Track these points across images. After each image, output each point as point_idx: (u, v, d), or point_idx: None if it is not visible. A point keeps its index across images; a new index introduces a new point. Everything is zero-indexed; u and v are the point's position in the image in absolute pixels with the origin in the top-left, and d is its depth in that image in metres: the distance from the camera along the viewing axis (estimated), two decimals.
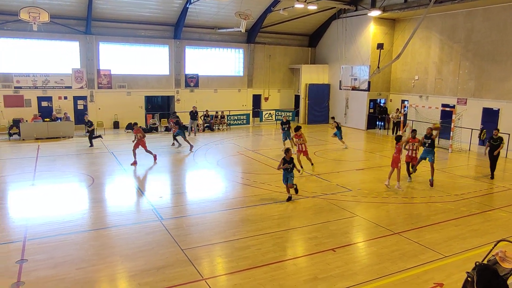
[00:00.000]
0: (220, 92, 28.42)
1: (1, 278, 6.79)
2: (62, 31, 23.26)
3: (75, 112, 24.46)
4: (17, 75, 22.87)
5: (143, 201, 11.16)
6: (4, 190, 12.49)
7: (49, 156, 16.57)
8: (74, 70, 24.09)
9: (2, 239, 8.48)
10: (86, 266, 7.33)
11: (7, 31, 22.42)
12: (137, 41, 25.58)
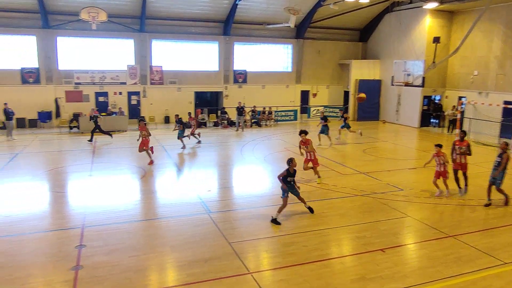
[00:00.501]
0: (268, 88, 28.44)
1: (63, 261, 7.24)
2: (118, 29, 24.29)
3: (129, 107, 25.51)
4: (77, 72, 24.21)
5: (192, 194, 11.42)
6: (65, 180, 13.33)
7: (104, 149, 17.43)
8: (128, 66, 25.09)
9: (63, 225, 9.04)
10: (137, 254, 7.64)
11: (68, 30, 23.78)
12: (187, 38, 26.18)
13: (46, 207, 10.50)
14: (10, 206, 10.34)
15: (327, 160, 15.72)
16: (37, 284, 6.61)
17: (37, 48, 23.61)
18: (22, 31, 23.15)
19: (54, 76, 24.01)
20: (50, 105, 24.11)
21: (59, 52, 24.05)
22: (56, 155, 17.03)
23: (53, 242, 8.23)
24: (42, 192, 11.70)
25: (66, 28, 23.61)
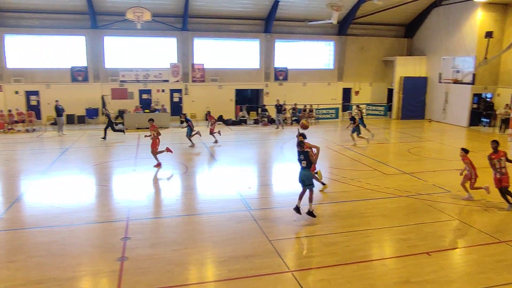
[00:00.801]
0: (309, 85, 28.14)
1: (109, 252, 7.51)
2: (162, 28, 24.88)
3: (171, 104, 26.09)
4: (122, 70, 25.03)
5: (233, 190, 11.50)
6: (110, 174, 13.83)
7: (148, 145, 17.86)
8: (171, 64, 25.65)
9: (109, 218, 9.39)
10: (180, 248, 7.78)
11: (114, 30, 24.65)
12: (229, 36, 26.40)
13: (93, 200, 10.94)
14: (61, 198, 10.87)
15: (369, 159, 15.35)
16: (86, 272, 6.89)
17: (86, 48, 24.66)
18: (72, 31, 24.25)
19: (101, 74, 24.98)
20: (97, 102, 25.12)
21: (105, 51, 25.00)
22: (102, 150, 17.71)
23: (100, 234, 8.56)
24: (89, 186, 12.20)
25: (112, 28, 24.48)
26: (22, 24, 23.69)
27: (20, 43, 24.13)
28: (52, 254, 7.45)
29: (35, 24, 23.83)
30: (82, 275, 6.82)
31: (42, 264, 7.07)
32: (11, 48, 23.94)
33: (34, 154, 16.87)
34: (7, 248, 7.81)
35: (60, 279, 6.59)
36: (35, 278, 6.60)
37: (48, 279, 6.57)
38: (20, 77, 24.09)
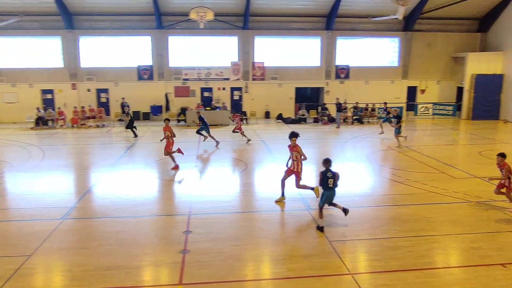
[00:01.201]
0: (372, 83, 27.25)
1: (172, 244, 7.79)
2: (223, 27, 25.35)
3: (232, 102, 26.53)
4: (185, 69, 25.89)
5: (292, 189, 11.42)
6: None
7: (208, 142, 18.33)
8: (232, 63, 26.08)
9: (171, 211, 9.75)
10: (239, 244, 7.87)
11: (178, 30, 25.54)
12: (289, 34, 26.29)
13: (157, 193, 11.41)
14: (128, 190, 11.46)
15: (435, 161, 14.55)
16: (150, 262, 7.20)
17: (151, 47, 25.80)
18: (139, 32, 25.49)
19: (165, 73, 26.01)
20: (161, 99, 26.19)
21: (170, 51, 25.98)
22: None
23: (163, 226, 8.90)
24: (153, 180, 12.74)
25: (176, 28, 25.38)
26: (94, 26, 25.32)
27: (92, 44, 25.78)
28: (120, 243, 7.87)
29: (106, 26, 25.36)
30: (147, 265, 7.13)
31: (111, 252, 7.50)
32: (85, 48, 25.66)
33: (103, 148, 17.97)
34: (79, 236, 8.37)
35: (127, 267, 6.93)
36: (105, 265, 7.00)
37: (116, 267, 6.94)
38: (92, 76, 25.76)
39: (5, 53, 25.35)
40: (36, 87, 25.62)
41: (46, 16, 24.41)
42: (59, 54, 25.49)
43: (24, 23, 24.47)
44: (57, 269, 7.05)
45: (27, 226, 8.84)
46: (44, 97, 25.86)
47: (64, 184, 12.50)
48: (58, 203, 10.28)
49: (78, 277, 6.63)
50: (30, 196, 10.96)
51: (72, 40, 25.11)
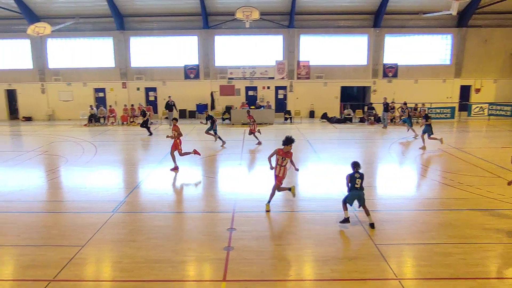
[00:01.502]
0: (421, 82, 26.28)
1: (216, 241, 7.89)
2: (269, 26, 25.39)
3: (276, 101, 26.52)
4: (230, 68, 26.21)
5: (336, 189, 11.24)
6: (217, 167, 14.54)
7: (253, 140, 18.43)
8: (277, 62, 26.06)
9: (216, 208, 9.87)
10: (282, 243, 7.84)
11: (224, 29, 25.87)
12: (335, 32, 25.90)
13: (202, 190, 11.61)
14: (174, 186, 11.76)
15: (491, 165, 13.76)
16: (195, 257, 7.33)
17: (198, 47, 26.32)
18: (186, 32, 26.09)
19: (211, 72, 26.45)
20: (207, 98, 26.67)
21: (216, 50, 26.38)
22: (212, 144, 18.71)
23: (208, 223, 9.04)
24: (198, 177, 12.98)
25: (222, 27, 25.72)
26: (144, 27, 26.22)
27: (142, 44, 26.69)
28: (166, 237, 8.09)
29: (154, 27, 26.18)
30: (192, 260, 7.27)
31: (158, 245, 7.72)
32: (135, 49, 26.62)
33: (151, 145, 18.54)
34: (129, 229, 8.68)
35: (174, 261, 7.11)
36: (153, 258, 7.22)
37: (163, 260, 7.13)
38: (141, 75, 26.69)
39: (62, 54, 26.83)
40: (90, 85, 26.95)
41: (99, 18, 25.58)
42: (111, 54, 26.62)
43: (79, 25, 25.82)
44: (108, 260, 7.35)
45: (81, 218, 9.30)
46: (97, 95, 27.15)
47: (115, 179, 13.03)
48: (109, 197, 10.74)
49: (128, 268, 6.88)
50: (84, 189, 11.52)
51: (123, 40, 26.14)
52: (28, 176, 13.05)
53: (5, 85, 27.29)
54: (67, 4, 24.72)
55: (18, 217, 9.52)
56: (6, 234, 8.47)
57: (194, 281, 6.63)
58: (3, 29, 26.45)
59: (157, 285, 6.39)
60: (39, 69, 26.85)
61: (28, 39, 26.01)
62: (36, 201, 10.83)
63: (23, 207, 10.20)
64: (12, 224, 9.03)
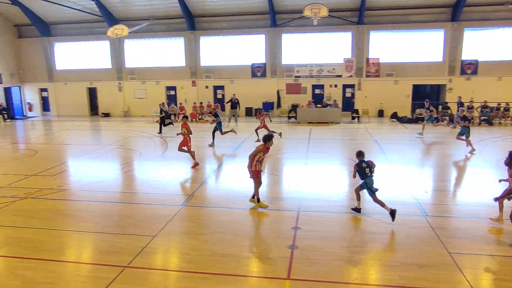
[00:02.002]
0: (506, 80, 24.16)
1: (281, 239, 7.90)
2: (337, 23, 24.88)
3: (343, 100, 25.94)
4: (297, 66, 26.07)
5: (407, 193, 10.73)
6: (281, 165, 14.56)
7: (318, 139, 18.22)
8: (345, 59, 25.46)
9: (281, 207, 9.88)
10: (348, 245, 7.65)
11: (291, 27, 25.78)
12: (408, 27, 24.71)
13: (266, 188, 11.64)
14: (240, 183, 11.96)
15: None
16: (260, 254, 7.41)
17: (265, 45, 26.50)
18: (253, 31, 26.39)
19: (278, 70, 26.52)
20: (273, 96, 26.79)
21: (283, 48, 26.39)
22: (276, 141, 18.72)
23: (272, 220, 9.07)
24: (263, 174, 13.05)
25: (290, 25, 25.66)
26: (213, 26, 26.96)
27: (210, 44, 27.46)
28: (232, 232, 8.26)
29: (223, 26, 26.80)
30: (257, 256, 7.35)
31: (224, 240, 7.90)
32: (204, 48, 27.46)
33: (219, 142, 19.00)
34: (196, 222, 9.00)
35: (238, 256, 7.24)
36: (219, 252, 7.41)
37: (228, 254, 7.29)
38: (210, 74, 27.49)
39: (137, 54, 28.46)
40: (162, 84, 28.29)
41: (171, 19, 26.76)
42: (182, 53, 27.72)
43: (153, 26, 27.22)
44: (176, 251, 7.67)
45: (153, 209, 9.80)
46: (168, 93, 28.43)
47: (184, 173, 13.56)
48: (178, 190, 11.22)
49: (195, 260, 7.13)
50: (155, 182, 12.13)
51: (194, 40, 27.10)
52: (106, 168, 14.02)
53: (87, 84, 29.58)
54: (143, 6, 26.16)
55: (97, 206, 10.27)
56: (87, 221, 9.18)
57: (258, 277, 6.68)
58: (87, 31, 28.66)
59: (222, 278, 6.54)
60: (116, 69, 28.72)
61: (107, 40, 27.93)
62: (112, 192, 11.62)
63: (101, 196, 10.99)
64: (92, 212, 9.76)
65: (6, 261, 7.33)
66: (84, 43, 29.19)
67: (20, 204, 10.28)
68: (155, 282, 6.53)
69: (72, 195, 11.17)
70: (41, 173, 13.44)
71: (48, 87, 30.20)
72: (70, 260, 7.37)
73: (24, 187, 11.71)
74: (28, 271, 6.90)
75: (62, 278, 6.66)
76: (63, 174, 13.55)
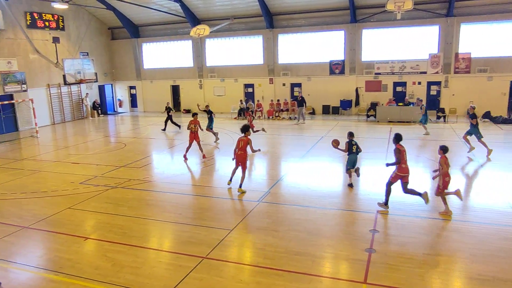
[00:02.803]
0: None
1: (358, 241, 7.66)
2: (423, 16, 23.43)
3: (427, 98, 24.40)
4: (377, 62, 25.06)
5: (502, 201, 9.78)
6: (359, 165, 13.95)
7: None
8: (430, 55, 23.93)
9: (358, 207, 9.59)
10: (433, 253, 7.18)
11: (372, 22, 24.81)
12: (504, 18, 22.44)
13: (343, 187, 11.39)
14: (316, 181, 11.84)
15: None
16: (335, 255, 7.24)
17: (344, 42, 25.83)
18: (332, 27, 25.84)
19: (357, 67, 25.71)
20: (351, 94, 26.05)
21: (363, 44, 25.52)
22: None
23: (349, 221, 8.83)
24: (339, 173, 12.78)
25: (371, 20, 24.72)
26: (291, 24, 26.90)
27: (288, 41, 27.42)
28: (307, 231, 8.18)
29: (301, 23, 26.61)
30: (332, 257, 7.20)
31: (299, 238, 7.86)
32: (282, 46, 27.50)
33: (295, 140, 18.97)
34: (272, 219, 9.06)
35: (313, 256, 7.15)
36: (293, 249, 7.39)
37: (303, 253, 7.24)
38: (287, 71, 27.50)
39: (217, 52, 29.40)
40: (240, 82, 28.92)
41: (250, 18, 27.19)
42: (260, 51, 28.07)
43: (232, 26, 27.89)
44: (252, 246, 7.80)
45: (230, 203, 10.09)
46: (246, 90, 28.99)
47: (260, 170, 13.74)
48: (255, 186, 11.37)
49: (270, 256, 7.18)
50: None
51: (272, 38, 27.29)
52: (188, 162, 14.68)
53: (170, 82, 31.25)
54: (224, 6, 26.93)
55: (179, 197, 10.82)
56: (170, 211, 9.71)
57: (333, 278, 6.55)
58: (171, 32, 30.25)
59: (296, 276, 6.51)
60: (198, 67, 29.94)
61: (190, 40, 29.21)
62: (193, 185, 12.16)
63: (183, 189, 11.56)
64: (174, 203, 10.30)
65: (99, 244, 8.01)
66: (169, 43, 30.86)
67: (112, 193, 11.18)
68: (231, 274, 6.70)
69: (156, 186, 11.89)
70: (129, 164, 14.49)
71: (136, 84, 32.46)
72: (153, 247, 7.85)
73: (114, 177, 12.71)
74: (118, 254, 7.47)
75: (147, 264, 7.11)
76: (148, 166, 14.48)
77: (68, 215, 9.59)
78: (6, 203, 10.73)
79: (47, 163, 15.30)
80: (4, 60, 23.04)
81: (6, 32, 23.27)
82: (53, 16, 26.11)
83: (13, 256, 7.60)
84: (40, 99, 25.04)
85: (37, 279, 6.81)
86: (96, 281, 6.55)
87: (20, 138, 21.56)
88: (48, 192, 11.44)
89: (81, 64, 26.05)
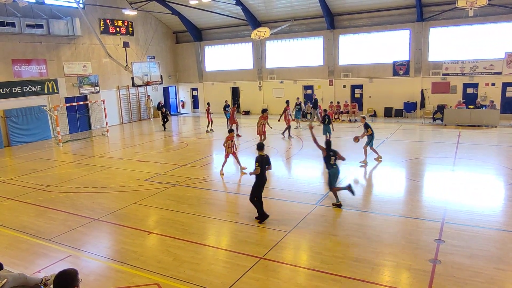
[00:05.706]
0: None
1: (421, 251, 7.30)
2: (499, 12, 21.81)
3: (502, 100, 22.69)
4: (446, 62, 23.74)
5: None
6: (423, 170, 13.43)
7: (469, 144, 16.27)
8: (506, 54, 22.22)
9: (422, 215, 9.13)
10: (506, 268, 6.65)
11: (440, 21, 23.54)
12: None
13: (406, 194, 10.92)
14: (377, 186, 11.47)
15: None
16: (396, 263, 6.95)
17: (409, 41, 24.76)
18: (397, 26, 24.86)
19: (423, 68, 24.53)
20: (416, 96, 24.90)
21: (430, 44, 24.29)
22: (418, 145, 17.46)
23: (412, 229, 8.43)
24: (402, 179, 12.27)
25: (439, 18, 23.48)
26: (353, 24, 26.28)
27: (349, 42, 26.81)
28: (367, 237, 7.94)
29: (364, 23, 25.90)
30: (393, 265, 6.92)
31: (358, 244, 7.65)
32: (343, 47, 26.96)
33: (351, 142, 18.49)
34: (330, 223, 8.91)
35: (372, 263, 6.92)
36: (352, 255, 7.21)
37: (362, 260, 7.03)
38: (348, 72, 26.91)
39: (276, 54, 29.49)
40: (299, 83, 28.78)
41: (311, 19, 26.96)
42: (320, 53, 27.73)
43: (292, 27, 27.84)
44: (309, 249, 7.72)
45: (287, 205, 10.06)
46: (305, 92, 28.79)
47: (317, 172, 13.56)
48: (313, 189, 11.26)
49: (328, 261, 7.06)
50: (291, 180, 12.41)
51: (332, 39, 26.86)
52: (246, 162, 14.87)
53: (231, 83, 31.87)
54: (284, 9, 26.95)
55: (237, 197, 10.99)
56: (228, 210, 9.91)
57: (394, 287, 6.28)
58: (232, 35, 30.86)
59: (354, 283, 6.34)
60: (258, 69, 30.23)
61: (250, 42, 29.57)
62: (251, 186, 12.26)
63: (241, 189, 11.70)
64: (233, 203, 10.51)
65: (161, 239, 8.36)
66: (230, 46, 31.49)
67: (173, 190, 11.64)
68: (287, 276, 6.68)
69: (215, 186, 12.18)
70: (191, 164, 14.98)
71: (198, 86, 33.50)
72: (212, 245, 8.05)
73: (176, 175, 13.22)
74: (178, 250, 7.75)
75: (205, 260, 7.30)
76: (208, 166, 14.87)
77: (133, 210, 10.12)
78: (81, 196, 11.57)
79: (116, 160, 16.27)
80: (80, 64, 24.97)
81: (82, 38, 25.12)
82: (124, 22, 27.78)
83: (85, 245, 8.18)
84: (110, 100, 26.79)
85: (105, 268, 7.26)
86: (159, 274, 6.83)
87: (92, 136, 23.15)
88: (116, 188, 12.16)
89: (148, 67, 27.38)
